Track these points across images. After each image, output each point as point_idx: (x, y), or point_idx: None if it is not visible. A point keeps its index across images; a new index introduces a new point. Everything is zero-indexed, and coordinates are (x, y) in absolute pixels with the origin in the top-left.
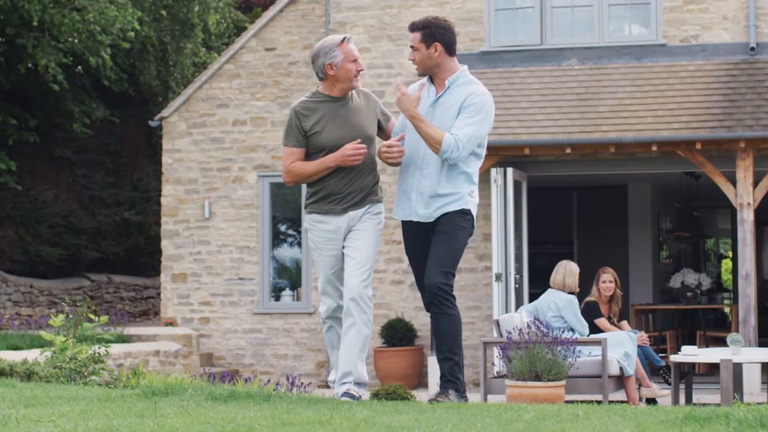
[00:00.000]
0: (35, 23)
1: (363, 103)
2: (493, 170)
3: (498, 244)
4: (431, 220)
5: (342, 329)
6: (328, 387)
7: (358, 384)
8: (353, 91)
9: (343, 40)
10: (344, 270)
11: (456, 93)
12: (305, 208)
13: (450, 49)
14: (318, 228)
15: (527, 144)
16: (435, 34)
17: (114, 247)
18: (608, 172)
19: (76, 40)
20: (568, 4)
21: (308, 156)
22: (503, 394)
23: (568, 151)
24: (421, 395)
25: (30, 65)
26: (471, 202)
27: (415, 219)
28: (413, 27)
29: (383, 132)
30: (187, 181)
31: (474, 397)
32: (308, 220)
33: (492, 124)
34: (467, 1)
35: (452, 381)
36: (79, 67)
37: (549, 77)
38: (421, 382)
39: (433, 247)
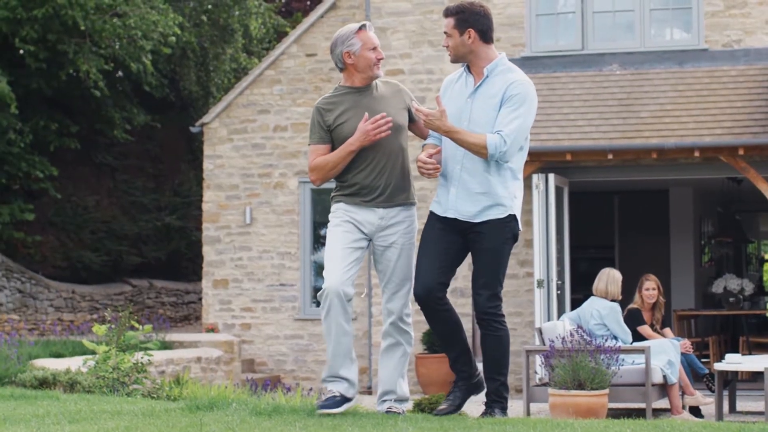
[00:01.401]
0: (82, 27)
1: (388, 92)
2: (535, 176)
3: (540, 250)
4: (475, 221)
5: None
6: (369, 393)
7: (400, 401)
8: (378, 82)
9: (360, 28)
10: (382, 291)
11: (496, 82)
12: (332, 199)
13: (485, 36)
14: (341, 213)
15: (569, 150)
16: (469, 19)
17: (155, 252)
18: (650, 177)
19: (117, 46)
20: (609, 9)
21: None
22: (546, 402)
23: (610, 157)
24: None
25: (71, 71)
26: (516, 204)
27: (452, 215)
28: (447, 12)
29: (416, 125)
30: (228, 187)
31: (516, 404)
32: (334, 208)
33: (536, 112)
34: (508, 7)
35: (498, 401)
36: (120, 72)
37: (590, 83)
38: None
39: (478, 266)
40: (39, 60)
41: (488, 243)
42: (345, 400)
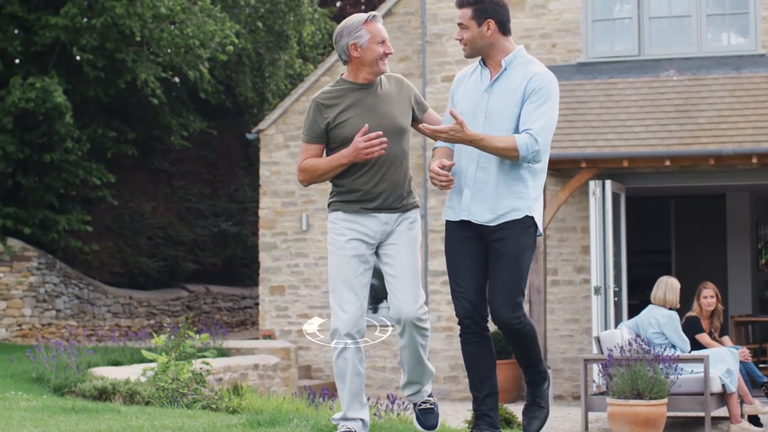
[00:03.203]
0: (138, 38)
1: (394, 90)
2: (592, 182)
3: (597, 256)
4: (493, 224)
5: (401, 348)
6: None
7: (424, 386)
8: (383, 77)
9: (369, 19)
10: (390, 292)
11: (515, 75)
12: (329, 206)
13: (504, 27)
14: (340, 226)
15: (626, 156)
16: (488, 9)
17: (211, 258)
18: (707, 183)
19: (171, 50)
20: (665, 14)
21: (332, 150)
22: (604, 411)
23: (668, 163)
24: (520, 409)
25: (129, 79)
26: (536, 207)
27: (464, 217)
28: (463, 2)
29: (419, 124)
30: (284, 194)
31: (574, 411)
32: (332, 218)
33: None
34: (564, 12)
35: (540, 381)
36: (176, 78)
37: (647, 88)
38: (520, 395)
39: (496, 274)
40: (97, 68)
41: (507, 248)
42: None
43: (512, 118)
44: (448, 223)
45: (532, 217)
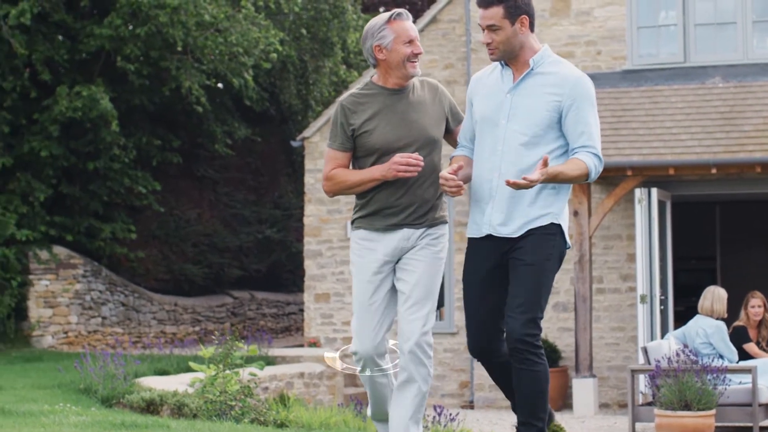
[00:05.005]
0: (179, 48)
1: (427, 97)
2: (638, 190)
3: (642, 264)
4: (514, 236)
5: (389, 376)
6: (471, 407)
7: None
8: (416, 82)
9: (393, 17)
10: (398, 311)
11: (545, 76)
12: (352, 223)
13: (533, 23)
14: (362, 246)
15: (672, 164)
16: (520, 5)
17: (256, 265)
18: (754, 191)
19: (215, 58)
20: (711, 21)
21: (356, 159)
22: (651, 422)
23: (713, 171)
24: (566, 418)
25: (173, 87)
26: (563, 215)
27: (487, 231)
28: (490, 1)
29: (452, 135)
30: (329, 201)
31: (621, 420)
32: (354, 237)
33: None
34: (609, 20)
35: None
36: (220, 84)
37: (693, 96)
38: (566, 404)
39: (515, 284)
40: (142, 76)
41: (528, 257)
42: None
43: (539, 121)
44: (470, 240)
45: (558, 225)
